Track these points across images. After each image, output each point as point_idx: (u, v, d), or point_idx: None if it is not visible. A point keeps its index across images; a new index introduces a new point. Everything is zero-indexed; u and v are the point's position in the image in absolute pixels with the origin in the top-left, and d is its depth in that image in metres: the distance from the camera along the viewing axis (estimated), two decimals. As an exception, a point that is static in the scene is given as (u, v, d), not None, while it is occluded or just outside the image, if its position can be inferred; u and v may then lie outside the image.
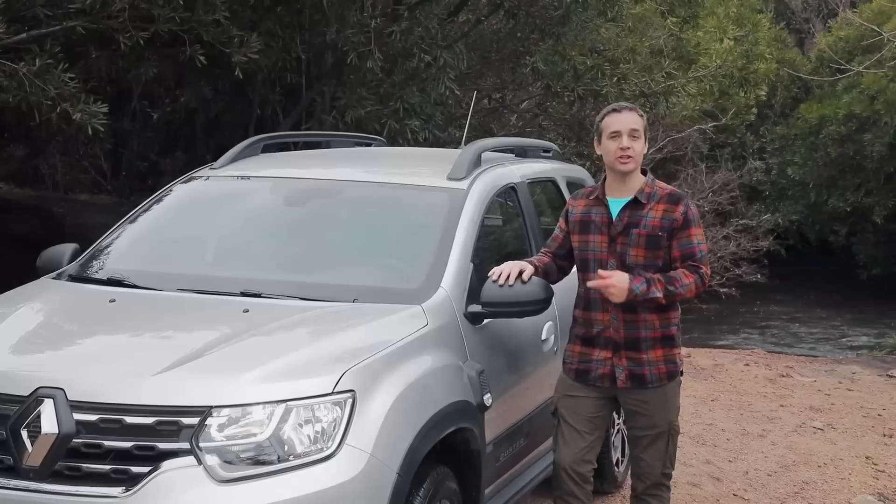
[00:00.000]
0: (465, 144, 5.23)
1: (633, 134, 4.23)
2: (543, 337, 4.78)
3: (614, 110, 4.32)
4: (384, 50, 8.93)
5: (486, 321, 4.25)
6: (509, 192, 5.00)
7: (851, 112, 20.08)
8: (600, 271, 4.15)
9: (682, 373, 4.40)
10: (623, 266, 4.20)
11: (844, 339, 16.56)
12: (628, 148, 4.21)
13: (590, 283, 4.19)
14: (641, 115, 4.33)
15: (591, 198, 4.37)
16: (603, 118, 4.32)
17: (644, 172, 4.34)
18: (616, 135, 4.23)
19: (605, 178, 4.38)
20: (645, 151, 4.34)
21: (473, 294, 4.18)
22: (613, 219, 4.27)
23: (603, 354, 4.27)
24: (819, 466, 6.94)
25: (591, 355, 4.30)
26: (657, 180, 4.39)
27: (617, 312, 4.22)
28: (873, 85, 19.26)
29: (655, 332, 4.23)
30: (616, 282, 4.09)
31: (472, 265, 4.29)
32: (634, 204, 4.26)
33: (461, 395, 3.87)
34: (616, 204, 4.29)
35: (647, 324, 4.22)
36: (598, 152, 4.37)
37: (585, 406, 4.34)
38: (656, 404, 4.29)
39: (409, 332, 3.80)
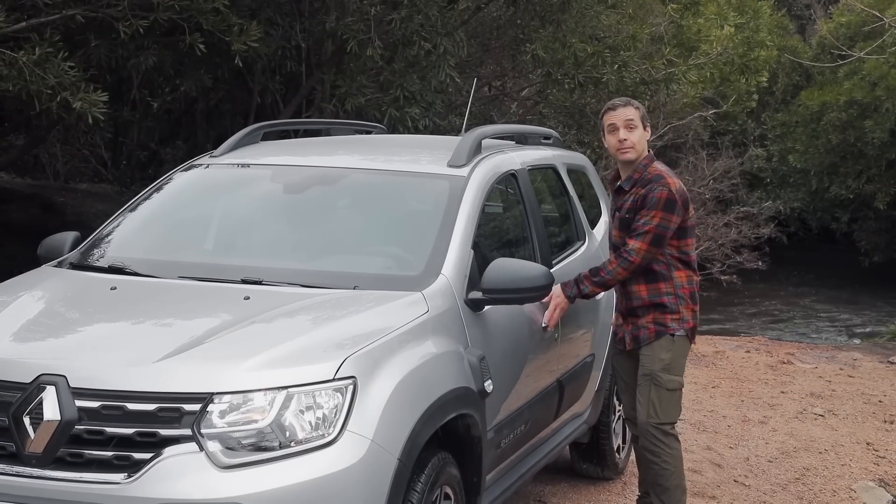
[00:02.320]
0: (466, 132, 5.23)
1: (628, 125, 4.77)
2: (544, 323, 4.79)
3: (609, 108, 4.87)
4: (384, 38, 8.92)
5: (486, 308, 4.25)
6: (510, 178, 5.00)
7: (853, 98, 20.04)
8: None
9: (676, 335, 4.77)
10: (613, 247, 4.90)
11: (845, 326, 16.56)
12: (626, 139, 4.76)
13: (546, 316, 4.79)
14: (637, 107, 4.85)
15: (610, 182, 5.05)
16: (602, 116, 4.90)
17: (650, 159, 4.83)
18: (613, 128, 4.79)
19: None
20: (648, 138, 4.87)
21: (474, 281, 4.19)
22: (613, 202, 4.97)
23: (619, 321, 4.99)
24: (820, 453, 6.96)
25: (616, 321, 5.07)
26: (653, 166, 4.81)
27: (618, 287, 4.86)
28: (874, 71, 19.22)
29: (645, 301, 4.79)
30: (555, 297, 4.75)
31: (472, 252, 4.29)
32: (620, 191, 4.86)
33: (462, 382, 3.88)
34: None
35: (636, 294, 4.81)
36: (606, 146, 4.95)
37: (622, 363, 5.06)
38: (647, 356, 4.82)
39: (409, 319, 3.80)
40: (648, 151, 4.86)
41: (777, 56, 20.82)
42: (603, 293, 5.10)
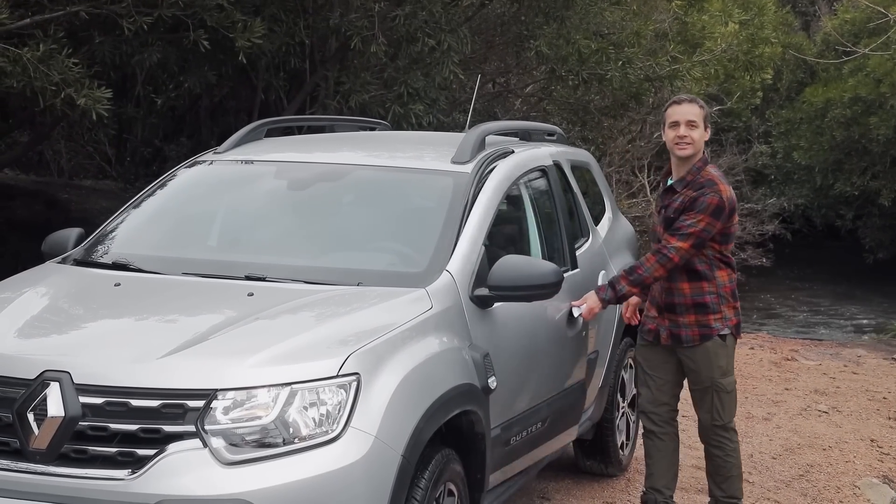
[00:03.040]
0: (469, 128, 5.23)
1: (690, 124, 4.80)
2: (576, 315, 4.87)
3: (675, 102, 4.92)
4: (388, 34, 8.91)
5: (497, 305, 4.23)
6: (535, 174, 5.10)
7: (857, 95, 19.98)
8: (575, 303, 4.89)
9: (724, 335, 4.87)
10: (657, 242, 4.87)
11: (850, 323, 16.54)
12: (685, 136, 4.79)
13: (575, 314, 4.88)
14: (702, 107, 4.91)
15: (661, 177, 5.19)
16: (666, 109, 4.95)
17: (705, 162, 4.87)
18: (675, 124, 4.83)
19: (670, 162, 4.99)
20: (706, 138, 4.91)
21: (481, 277, 4.17)
22: (659, 198, 5.04)
23: (653, 313, 4.96)
24: (824, 449, 6.95)
25: (648, 313, 5.02)
26: (706, 169, 4.85)
27: (661, 281, 4.83)
28: (879, 68, 19.16)
29: (687, 300, 4.82)
30: (590, 303, 4.85)
31: (483, 248, 4.28)
32: (671, 190, 4.87)
33: (466, 378, 3.88)
34: (668, 186, 4.96)
35: (679, 291, 4.83)
36: (664, 139, 4.99)
37: (649, 356, 5.04)
38: (701, 362, 4.87)
39: (413, 316, 3.80)
40: (704, 153, 4.94)
41: (781, 53, 20.75)
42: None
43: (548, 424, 4.79)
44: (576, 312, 4.89)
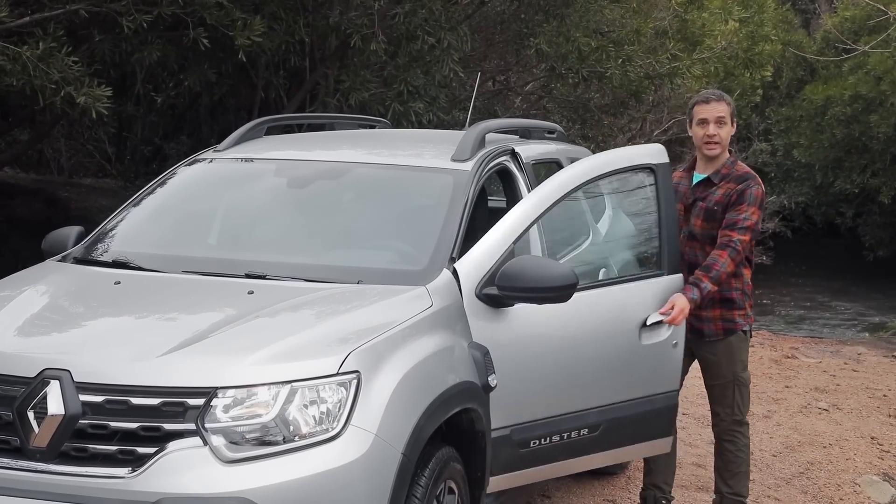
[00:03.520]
0: (469, 126, 5.22)
1: (719, 121, 4.82)
2: (649, 322, 4.58)
3: (703, 100, 4.89)
4: (388, 32, 8.90)
5: (518, 305, 4.14)
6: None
7: (857, 93, 19.99)
8: (661, 311, 4.58)
9: (745, 331, 4.96)
10: (690, 235, 4.89)
11: (850, 321, 16.54)
12: (714, 135, 4.81)
13: (664, 320, 4.58)
14: (729, 103, 4.90)
15: (684, 170, 5.08)
16: (693, 106, 4.93)
17: (730, 152, 4.92)
18: (703, 122, 4.84)
19: (696, 155, 5.02)
20: (732, 133, 4.93)
21: (492, 276, 4.10)
22: (690, 191, 4.94)
23: None
24: (824, 447, 6.95)
25: None
26: (739, 163, 4.92)
27: (688, 276, 4.75)
28: (879, 65, 19.16)
29: (715, 295, 4.76)
30: (679, 304, 4.58)
31: (511, 247, 4.21)
32: (707, 182, 4.88)
33: (466, 376, 3.87)
34: (697, 178, 4.95)
35: None
36: (690, 134, 5.00)
37: None
38: (723, 356, 4.93)
39: (413, 314, 3.80)
40: (729, 149, 4.98)
41: (781, 50, 20.75)
42: None
43: (601, 433, 4.56)
44: (652, 319, 4.59)
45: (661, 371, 4.75)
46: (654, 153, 4.89)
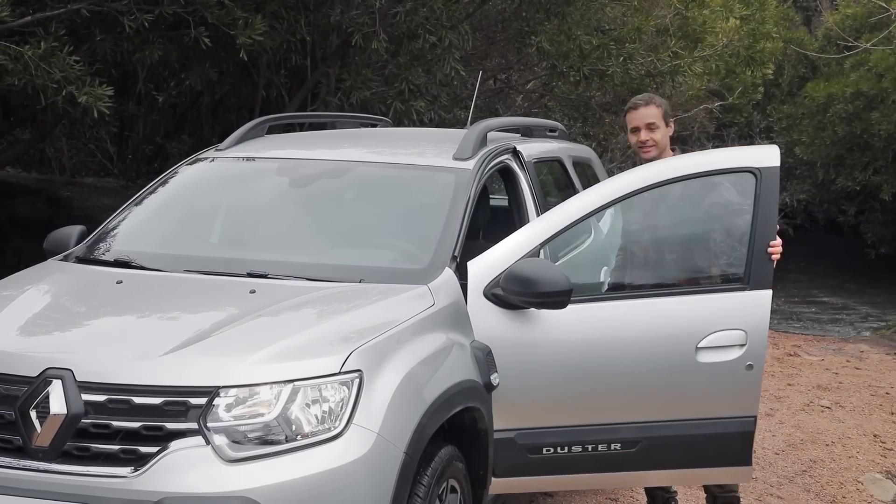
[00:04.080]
0: (471, 125, 5.22)
1: (649, 127, 4.92)
2: (707, 344, 4.23)
3: (631, 108, 5.00)
4: (389, 31, 8.90)
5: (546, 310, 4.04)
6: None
7: (859, 90, 19.95)
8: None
9: None
10: None
11: (852, 318, 16.53)
12: (647, 140, 4.93)
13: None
14: (659, 105, 4.98)
15: None
16: (624, 115, 5.06)
17: (673, 150, 5.00)
18: (635, 130, 4.97)
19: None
20: (670, 133, 5.01)
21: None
22: None
23: None
24: (827, 445, 6.95)
25: None
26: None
27: None
28: (881, 63, 19.12)
29: None
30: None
31: (537, 248, 4.20)
32: None
33: (468, 375, 3.88)
34: None
35: None
36: (629, 142, 5.09)
37: None
38: None
39: (415, 312, 3.80)
40: (671, 147, 5.03)
41: (783, 48, 20.73)
42: None
43: (641, 450, 4.30)
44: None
45: (729, 393, 4.32)
46: (762, 156, 4.41)
